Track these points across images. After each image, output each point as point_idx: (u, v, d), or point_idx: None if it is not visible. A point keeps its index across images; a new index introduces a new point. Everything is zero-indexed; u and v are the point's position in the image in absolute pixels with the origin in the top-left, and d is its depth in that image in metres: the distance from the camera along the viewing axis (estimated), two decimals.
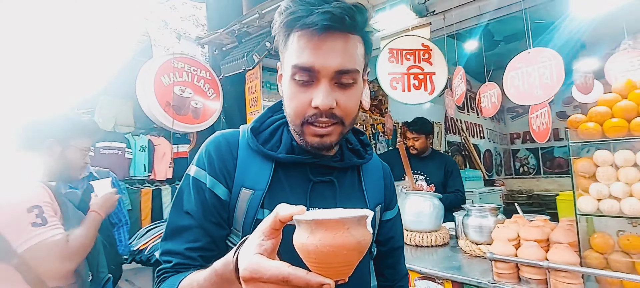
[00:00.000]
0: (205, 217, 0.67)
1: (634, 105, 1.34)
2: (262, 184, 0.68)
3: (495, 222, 1.91)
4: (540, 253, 1.52)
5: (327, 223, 0.42)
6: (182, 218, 0.68)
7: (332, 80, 0.62)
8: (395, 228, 0.91)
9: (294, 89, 0.64)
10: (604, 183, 1.39)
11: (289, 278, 0.41)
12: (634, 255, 1.36)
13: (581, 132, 1.43)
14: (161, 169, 4.06)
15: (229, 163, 0.70)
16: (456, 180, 2.66)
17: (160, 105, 2.97)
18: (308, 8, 0.60)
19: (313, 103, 0.62)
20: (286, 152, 0.71)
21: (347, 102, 0.65)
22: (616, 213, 1.35)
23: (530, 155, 6.60)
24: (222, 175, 0.69)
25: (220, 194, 0.68)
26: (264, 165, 0.70)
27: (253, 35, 2.82)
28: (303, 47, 0.61)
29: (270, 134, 0.74)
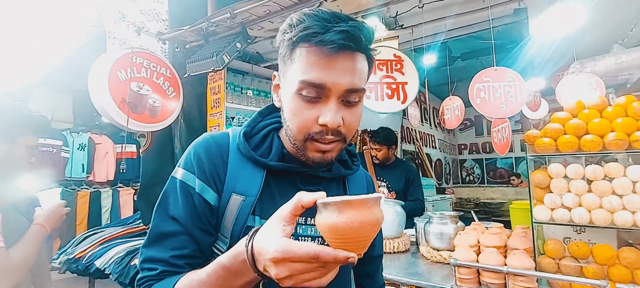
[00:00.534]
0: (193, 223, 0.64)
1: (583, 124, 1.46)
2: (253, 190, 0.66)
3: (455, 229, 1.98)
4: (499, 259, 1.59)
5: (354, 203, 0.47)
6: (168, 224, 0.64)
7: (340, 98, 0.61)
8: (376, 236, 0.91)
9: (300, 104, 0.62)
10: (557, 194, 1.49)
11: (319, 254, 0.45)
12: (582, 260, 1.47)
13: (537, 146, 1.53)
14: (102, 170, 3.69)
15: (220, 167, 0.67)
16: (417, 188, 2.73)
17: (115, 101, 2.70)
18: (324, 24, 0.58)
19: (321, 120, 0.60)
20: (278, 159, 0.69)
21: (352, 120, 0.64)
22: (567, 222, 1.46)
23: (476, 165, 7.18)
24: (212, 180, 0.66)
25: (210, 199, 0.65)
26: (255, 171, 0.68)
27: (221, 35, 2.68)
28: (313, 62, 0.59)
29: (261, 139, 0.72)
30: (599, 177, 1.42)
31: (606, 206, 1.39)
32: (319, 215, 0.50)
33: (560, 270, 1.49)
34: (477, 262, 1.62)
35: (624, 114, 1.43)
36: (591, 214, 1.41)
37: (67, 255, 2.55)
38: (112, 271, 2.32)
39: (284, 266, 0.46)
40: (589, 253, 1.46)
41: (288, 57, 0.63)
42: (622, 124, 1.40)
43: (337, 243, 0.47)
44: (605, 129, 1.43)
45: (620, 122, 1.40)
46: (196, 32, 2.70)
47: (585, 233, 1.58)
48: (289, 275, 0.46)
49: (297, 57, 0.61)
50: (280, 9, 2.32)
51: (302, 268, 0.46)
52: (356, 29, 0.59)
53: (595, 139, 1.42)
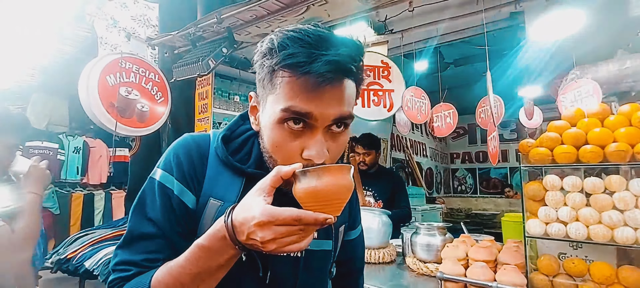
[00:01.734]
0: (171, 226, 0.60)
1: (583, 133, 1.30)
2: (231, 196, 0.62)
3: (443, 241, 1.81)
4: (488, 273, 1.43)
5: (332, 168, 0.50)
6: (145, 226, 0.60)
7: (326, 127, 0.55)
8: (357, 249, 0.85)
9: (283, 135, 0.55)
10: (552, 207, 1.32)
11: (301, 216, 0.46)
12: (578, 279, 1.30)
13: (532, 156, 1.36)
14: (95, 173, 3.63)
15: (199, 170, 0.63)
16: (403, 197, 2.58)
17: (104, 105, 2.62)
18: (309, 52, 0.50)
19: (306, 154, 0.54)
20: (255, 166, 0.64)
21: (337, 150, 0.58)
22: (563, 237, 1.29)
23: (468, 175, 6.74)
24: (191, 182, 0.62)
25: (188, 202, 0.61)
26: (234, 177, 0.64)
27: (208, 39, 2.54)
28: (297, 92, 0.52)
29: (240, 144, 0.67)
30: (598, 190, 1.25)
31: (606, 221, 1.22)
32: (297, 184, 0.50)
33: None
34: (464, 276, 1.46)
35: (627, 124, 1.27)
36: (589, 229, 1.24)
37: (58, 255, 2.50)
38: (100, 272, 2.27)
39: (269, 229, 0.46)
40: (586, 271, 1.29)
41: (267, 81, 0.56)
42: (625, 133, 1.23)
43: (316, 206, 0.49)
44: (607, 139, 1.26)
45: (623, 132, 1.24)
46: (184, 37, 2.57)
47: (581, 250, 1.41)
48: (273, 238, 0.46)
49: (278, 84, 0.54)
50: (266, 14, 2.18)
51: (285, 231, 0.47)
52: (346, 56, 0.52)
53: (595, 149, 1.25)
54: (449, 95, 1.97)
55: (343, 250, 0.79)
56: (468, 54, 3.48)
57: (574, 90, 1.49)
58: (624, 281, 1.22)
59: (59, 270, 2.49)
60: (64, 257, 2.47)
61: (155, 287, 0.54)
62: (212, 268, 0.52)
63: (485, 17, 1.79)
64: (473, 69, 3.91)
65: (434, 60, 2.81)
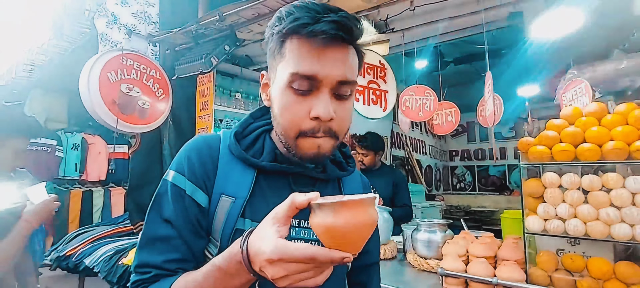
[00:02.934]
0: (185, 226, 0.61)
1: (580, 132, 1.33)
2: (243, 192, 0.63)
3: (443, 237, 1.84)
4: (489, 269, 1.47)
5: (349, 203, 0.45)
6: (161, 227, 0.61)
7: (331, 90, 0.58)
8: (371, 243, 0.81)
9: (291, 98, 0.58)
10: (550, 204, 1.36)
11: (315, 255, 0.44)
12: (576, 274, 1.34)
13: (531, 154, 1.39)
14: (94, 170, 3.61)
15: (210, 168, 0.65)
16: (405, 194, 2.59)
17: (105, 103, 2.62)
18: (314, 15, 0.55)
19: (313, 113, 0.57)
20: (270, 160, 0.66)
21: (343, 115, 0.61)
22: (561, 233, 1.32)
23: (467, 172, 6.81)
24: (202, 181, 0.63)
25: (200, 201, 0.63)
26: (245, 173, 0.65)
27: (210, 37, 2.55)
28: (304, 54, 0.56)
29: (253, 140, 0.69)
30: (596, 188, 1.28)
31: (603, 218, 1.26)
32: (313, 216, 0.48)
33: (552, 284, 1.35)
34: (465, 272, 1.49)
35: (624, 122, 1.30)
36: (587, 226, 1.28)
37: (58, 252, 2.51)
38: (100, 269, 2.28)
39: (280, 267, 0.45)
40: (584, 267, 1.33)
41: (277, 51, 0.60)
42: (622, 132, 1.26)
43: (333, 244, 0.46)
44: (604, 137, 1.29)
45: (620, 131, 1.27)
46: (186, 34, 2.57)
47: (579, 246, 1.44)
48: (285, 275, 0.45)
49: (287, 51, 0.58)
50: (268, 12, 2.20)
51: (298, 269, 0.45)
52: (347, 19, 0.56)
53: (593, 147, 1.28)
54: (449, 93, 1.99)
55: None
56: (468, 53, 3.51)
57: (573, 89, 1.52)
58: (620, 276, 1.25)
59: (59, 267, 2.50)
60: (63, 254, 2.48)
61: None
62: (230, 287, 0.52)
63: (485, 16, 1.81)
64: (472, 68, 3.93)
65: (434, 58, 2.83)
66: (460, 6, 1.88)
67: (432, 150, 6.46)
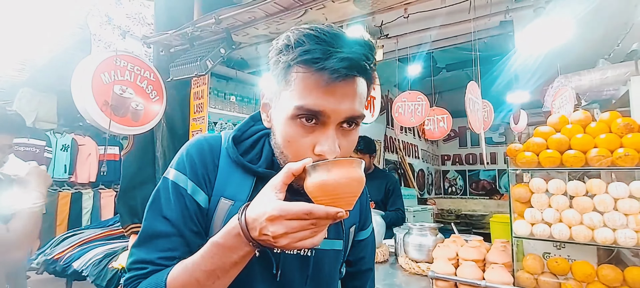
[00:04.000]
0: (185, 224, 0.61)
1: (566, 139, 1.38)
2: (242, 195, 0.63)
3: (434, 241, 1.88)
4: (477, 272, 1.51)
5: (341, 162, 0.50)
6: (160, 224, 0.61)
7: (338, 124, 0.57)
8: (367, 249, 0.85)
9: (295, 131, 0.57)
10: (537, 209, 1.41)
11: (312, 210, 0.47)
12: (561, 277, 1.38)
13: (519, 160, 1.44)
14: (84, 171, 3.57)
15: (211, 170, 0.65)
16: (397, 199, 2.63)
17: (97, 104, 2.59)
18: (325, 49, 0.52)
19: (318, 149, 0.55)
20: (266, 166, 0.66)
21: (348, 147, 0.60)
22: (547, 237, 1.37)
23: (459, 176, 6.97)
24: (203, 182, 0.64)
25: (201, 201, 0.63)
26: (245, 177, 0.66)
27: (206, 39, 2.56)
28: (312, 88, 0.54)
29: (251, 145, 0.69)
30: (580, 193, 1.34)
31: (587, 222, 1.31)
32: (308, 179, 0.51)
33: (538, 286, 1.39)
34: (454, 275, 1.53)
35: (607, 130, 1.36)
36: (571, 230, 1.33)
37: (45, 256, 2.47)
38: (89, 273, 2.26)
39: (280, 224, 0.47)
40: (568, 270, 1.38)
41: (282, 77, 0.57)
42: (605, 140, 1.32)
43: (327, 200, 0.49)
44: (588, 144, 1.35)
45: (603, 138, 1.33)
46: (181, 36, 2.58)
47: (565, 249, 1.49)
48: (285, 232, 0.47)
49: (293, 80, 0.55)
50: (265, 16, 2.22)
51: (297, 226, 0.48)
52: (360, 55, 0.53)
53: (578, 154, 1.34)
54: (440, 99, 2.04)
55: (353, 250, 0.80)
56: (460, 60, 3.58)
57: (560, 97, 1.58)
58: (603, 279, 1.30)
59: (46, 271, 2.47)
60: (51, 257, 2.45)
61: (171, 284, 0.55)
62: (227, 265, 0.53)
63: (476, 25, 1.87)
64: (464, 74, 4.02)
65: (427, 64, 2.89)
66: (453, 14, 1.94)
67: (424, 155, 6.57)
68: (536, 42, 1.46)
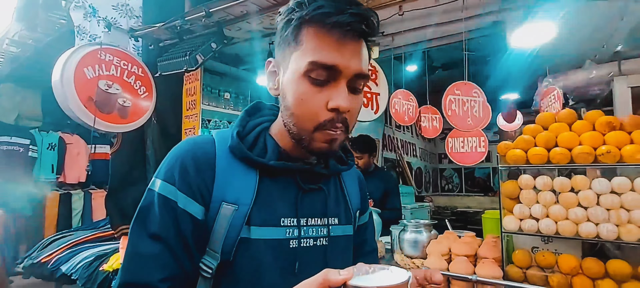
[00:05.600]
0: (177, 242, 0.59)
1: (553, 136, 1.51)
2: (246, 198, 0.61)
3: (429, 237, 2.00)
4: (469, 267, 1.63)
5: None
6: (148, 244, 0.58)
7: (348, 83, 0.60)
8: (368, 231, 0.89)
9: (308, 89, 0.59)
10: (525, 204, 1.53)
11: None
12: (547, 270, 1.51)
13: (509, 157, 1.56)
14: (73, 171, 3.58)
15: (207, 176, 0.62)
16: (395, 197, 2.75)
17: (81, 100, 2.60)
18: (338, 6, 0.56)
19: (332, 104, 0.58)
20: (276, 158, 0.66)
21: (356, 108, 0.63)
22: (535, 232, 1.50)
23: (455, 174, 7.30)
24: (198, 191, 0.60)
25: (195, 214, 0.60)
26: (247, 176, 0.64)
27: (196, 33, 2.63)
28: (325, 44, 0.57)
29: (254, 139, 0.68)
30: (566, 189, 1.46)
31: (572, 217, 1.44)
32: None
33: (527, 279, 1.52)
34: (447, 271, 1.65)
35: (591, 128, 1.48)
36: (558, 225, 1.45)
37: (31, 260, 2.48)
38: (79, 276, 2.26)
39: None
40: (555, 263, 1.51)
41: (292, 38, 0.61)
42: (589, 137, 1.45)
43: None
44: (573, 142, 1.47)
45: (587, 136, 1.45)
46: (170, 29, 2.63)
47: (552, 243, 1.63)
48: None
49: (304, 39, 0.59)
50: (258, 10, 2.30)
51: None
52: (368, 13, 0.58)
53: (563, 151, 1.46)
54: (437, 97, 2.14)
55: (356, 234, 0.83)
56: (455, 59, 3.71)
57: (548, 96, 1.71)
58: (587, 271, 1.43)
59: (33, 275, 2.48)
60: (37, 261, 2.45)
61: None
62: None
63: (469, 25, 1.99)
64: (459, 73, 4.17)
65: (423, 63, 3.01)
66: (447, 13, 2.05)
67: (422, 153, 6.84)
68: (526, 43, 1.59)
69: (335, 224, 0.71)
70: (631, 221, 1.34)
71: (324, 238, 0.69)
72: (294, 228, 0.65)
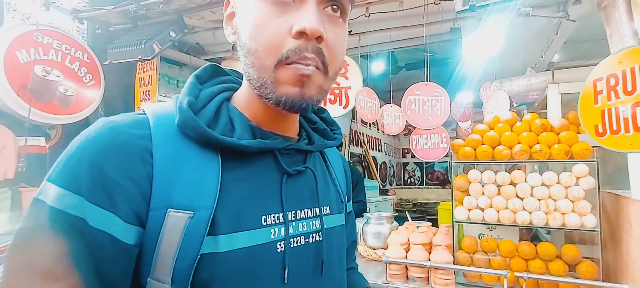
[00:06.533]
0: (88, 280, 0.42)
1: (497, 136, 1.87)
2: (206, 198, 0.47)
3: (390, 228, 2.32)
4: (424, 254, 1.95)
5: None
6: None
7: (319, 4, 0.50)
8: (351, 220, 0.85)
9: (265, 11, 0.49)
10: (473, 196, 1.89)
11: None
12: (490, 254, 1.89)
13: (461, 154, 1.91)
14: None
15: (139, 171, 0.46)
16: (361, 191, 3.06)
17: (12, 87, 2.54)
18: None
19: (297, 26, 0.47)
20: (249, 136, 0.53)
21: (336, 40, 0.52)
22: (480, 221, 1.86)
23: (417, 168, 8.27)
24: (123, 198, 0.44)
25: (119, 235, 0.43)
26: (205, 165, 0.49)
27: (153, 20, 2.69)
28: None
29: (214, 113, 0.54)
30: (506, 183, 1.84)
31: (510, 207, 1.81)
32: None
33: (473, 263, 1.89)
34: (405, 259, 1.97)
35: (528, 129, 1.87)
36: (499, 214, 1.83)
37: None
38: None
39: None
40: (496, 248, 1.88)
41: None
42: (526, 137, 1.83)
43: None
44: (514, 141, 1.85)
45: (525, 136, 1.84)
46: (123, 14, 2.67)
47: (495, 231, 2.02)
48: None
49: None
50: None
51: None
52: None
53: (506, 149, 1.83)
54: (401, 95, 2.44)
55: None
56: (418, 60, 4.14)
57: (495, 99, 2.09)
58: (521, 254, 1.82)
59: None
60: None
61: None
62: None
63: (430, 29, 2.33)
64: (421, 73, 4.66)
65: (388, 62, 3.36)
66: (410, 18, 2.36)
67: (387, 148, 7.60)
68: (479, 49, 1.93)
69: (328, 214, 0.63)
70: (557, 209, 1.74)
71: (317, 233, 0.59)
72: (280, 226, 0.53)
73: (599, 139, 1.45)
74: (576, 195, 1.69)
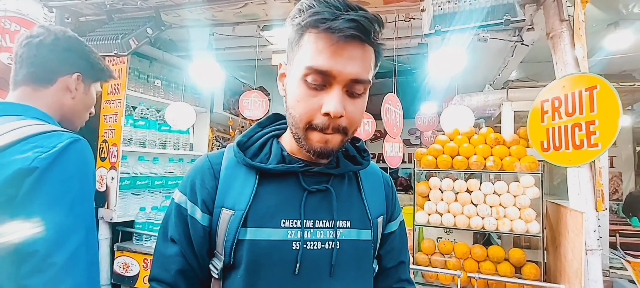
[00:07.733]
0: (188, 244, 0.71)
1: (456, 147, 1.99)
2: (243, 202, 0.70)
3: None
4: None
5: None
6: (167, 246, 0.73)
7: (344, 87, 0.64)
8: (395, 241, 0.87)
9: (304, 92, 0.65)
10: (433, 202, 2.00)
11: None
12: (446, 255, 2.00)
13: (423, 162, 2.02)
14: None
15: (210, 184, 0.73)
16: None
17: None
18: (333, 11, 0.61)
19: (324, 109, 0.63)
20: (276, 162, 0.73)
21: (354, 112, 0.67)
22: (439, 225, 1.97)
23: None
24: (201, 200, 0.72)
25: (200, 220, 0.71)
26: (247, 177, 0.72)
27: (128, 14, 2.63)
28: (321, 49, 0.62)
29: (259, 147, 0.76)
30: (463, 190, 1.96)
31: (466, 213, 1.93)
32: None
33: (431, 264, 1.99)
34: None
35: (483, 142, 2.00)
36: (456, 219, 1.94)
37: None
38: None
39: None
40: (452, 250, 2.00)
41: (295, 43, 0.66)
42: (481, 149, 1.96)
43: None
44: (471, 152, 1.98)
45: (480, 148, 1.97)
46: (97, 5, 2.58)
47: (452, 234, 2.14)
48: None
49: (304, 43, 0.64)
50: (200, 0, 2.42)
51: None
52: (366, 19, 0.61)
53: (463, 159, 1.96)
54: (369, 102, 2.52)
55: (382, 243, 0.83)
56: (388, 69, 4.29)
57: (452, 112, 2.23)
58: (474, 256, 1.94)
59: None
60: None
61: None
62: None
63: (401, 43, 2.43)
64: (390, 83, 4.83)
65: None
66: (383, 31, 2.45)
67: None
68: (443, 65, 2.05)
69: (347, 227, 0.74)
70: (506, 216, 1.88)
71: (333, 242, 0.71)
72: (296, 229, 0.69)
73: (544, 154, 1.59)
74: (523, 204, 1.84)
